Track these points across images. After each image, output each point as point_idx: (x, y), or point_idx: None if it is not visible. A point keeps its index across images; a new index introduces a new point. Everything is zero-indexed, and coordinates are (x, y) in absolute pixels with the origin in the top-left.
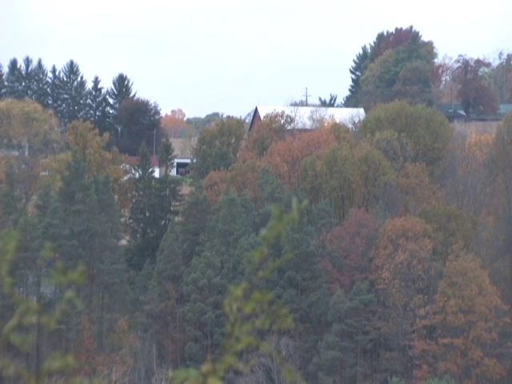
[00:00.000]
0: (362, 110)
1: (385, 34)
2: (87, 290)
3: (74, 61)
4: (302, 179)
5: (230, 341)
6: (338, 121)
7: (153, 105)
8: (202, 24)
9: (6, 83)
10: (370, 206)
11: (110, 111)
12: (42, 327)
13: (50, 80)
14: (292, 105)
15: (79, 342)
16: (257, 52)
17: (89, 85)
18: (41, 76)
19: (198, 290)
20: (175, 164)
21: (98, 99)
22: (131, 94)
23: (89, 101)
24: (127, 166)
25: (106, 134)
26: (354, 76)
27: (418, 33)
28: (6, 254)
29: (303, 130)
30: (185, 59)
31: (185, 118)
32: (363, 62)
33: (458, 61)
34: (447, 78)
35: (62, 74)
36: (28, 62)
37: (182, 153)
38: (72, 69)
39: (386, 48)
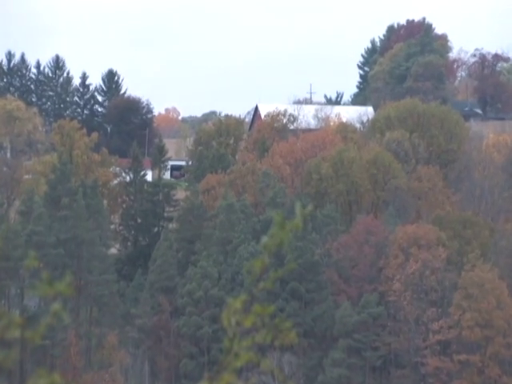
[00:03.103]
0: (370, 109)
1: (395, 26)
2: (74, 303)
3: (60, 55)
4: (305, 183)
5: (228, 357)
6: (344, 120)
7: (145, 103)
8: (198, 16)
9: None
10: (379, 211)
11: (99, 109)
12: (26, 342)
13: (33, 76)
14: (295, 103)
15: (65, 359)
16: (257, 46)
17: (76, 81)
18: (24, 71)
19: (194, 302)
20: (169, 167)
21: (86, 96)
22: (121, 91)
23: (76, 98)
24: (117, 168)
25: (95, 134)
26: (361, 71)
27: (431, 25)
28: None
29: (307, 130)
30: (179, 53)
31: (179, 117)
32: (372, 56)
33: (475, 55)
34: (463, 73)
35: (46, 70)
36: (10, 56)
37: (177, 154)
38: (58, 64)
39: (397, 41)
